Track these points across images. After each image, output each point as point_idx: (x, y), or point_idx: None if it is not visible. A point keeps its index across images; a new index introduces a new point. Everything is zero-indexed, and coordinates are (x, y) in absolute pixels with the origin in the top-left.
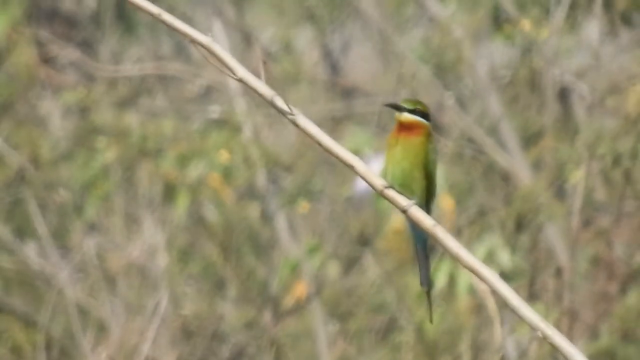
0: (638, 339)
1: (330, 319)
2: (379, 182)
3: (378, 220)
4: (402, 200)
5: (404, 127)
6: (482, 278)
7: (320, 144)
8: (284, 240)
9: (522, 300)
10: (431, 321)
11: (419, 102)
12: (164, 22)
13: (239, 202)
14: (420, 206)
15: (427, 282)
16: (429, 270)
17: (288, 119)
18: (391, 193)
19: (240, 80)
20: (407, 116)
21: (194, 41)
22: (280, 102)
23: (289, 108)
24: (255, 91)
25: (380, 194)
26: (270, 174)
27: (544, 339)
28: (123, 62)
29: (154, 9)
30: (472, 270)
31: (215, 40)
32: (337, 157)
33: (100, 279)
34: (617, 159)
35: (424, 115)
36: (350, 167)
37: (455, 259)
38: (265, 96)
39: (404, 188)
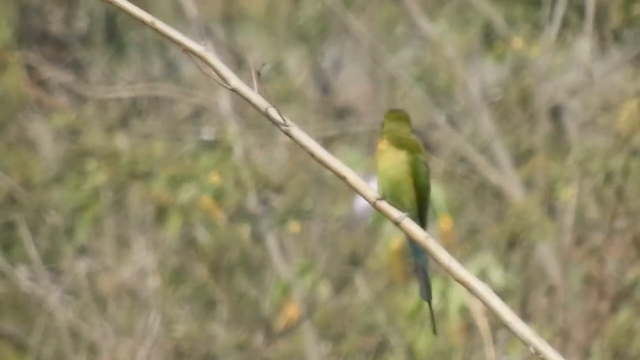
0: (629, 357)
1: (322, 340)
2: (372, 194)
3: (370, 240)
4: (395, 213)
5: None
6: (474, 292)
7: (313, 156)
8: (275, 261)
9: (514, 315)
10: (435, 332)
11: (389, 112)
12: (157, 31)
13: (230, 224)
14: (414, 219)
15: (428, 294)
16: (429, 282)
17: (282, 130)
18: (384, 205)
19: (234, 90)
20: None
21: (187, 50)
22: (274, 113)
23: (283, 119)
24: (249, 101)
25: (374, 206)
26: (261, 195)
27: (537, 354)
28: (114, 83)
29: (147, 17)
30: (464, 284)
31: (209, 51)
32: (330, 169)
33: (92, 301)
34: (609, 176)
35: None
36: (343, 179)
37: (447, 272)
38: (259, 107)
39: (395, 200)
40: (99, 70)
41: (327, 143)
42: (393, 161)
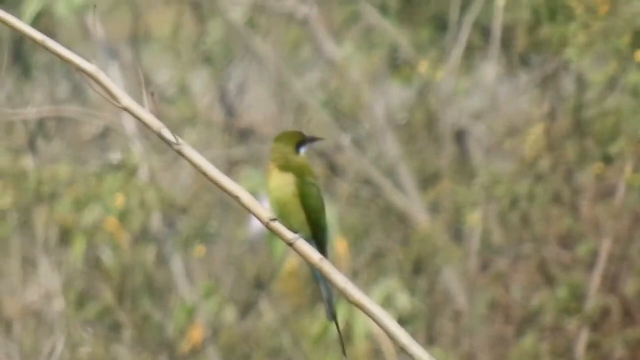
0: None
1: None
2: (265, 215)
3: (274, 263)
4: (289, 234)
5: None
6: (370, 315)
7: (206, 175)
8: (180, 284)
9: (410, 338)
10: (344, 354)
11: (279, 135)
12: (48, 49)
13: (135, 246)
14: (308, 240)
15: (332, 315)
16: (333, 303)
17: (174, 149)
18: (277, 226)
19: (125, 109)
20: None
21: (79, 69)
22: (166, 132)
23: (175, 138)
24: (140, 120)
25: (267, 227)
26: (166, 217)
27: None
28: (20, 105)
29: (38, 35)
30: (360, 307)
31: (111, 77)
32: (222, 189)
33: None
34: (515, 201)
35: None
36: (236, 199)
37: (342, 294)
38: (150, 125)
39: (284, 221)
40: (4, 91)
41: (232, 165)
42: (278, 183)
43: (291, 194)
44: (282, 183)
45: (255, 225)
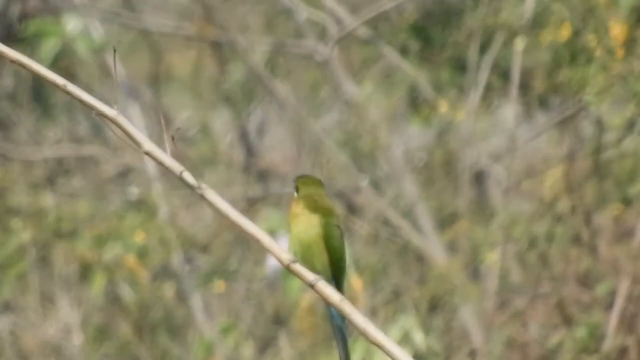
0: None
1: None
2: (286, 257)
3: (291, 300)
4: (309, 275)
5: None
6: (390, 355)
7: (227, 218)
8: (199, 320)
9: None
10: None
11: (302, 177)
12: (69, 94)
13: (155, 282)
14: (328, 281)
15: (346, 358)
16: (347, 346)
17: (196, 192)
18: (298, 267)
19: (146, 154)
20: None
21: (100, 114)
22: (187, 177)
23: (197, 182)
24: (162, 165)
25: (287, 269)
26: (185, 254)
27: None
28: (40, 143)
29: (59, 80)
30: (380, 347)
31: (130, 119)
32: (244, 231)
33: (15, 358)
34: (533, 241)
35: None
36: (257, 241)
37: (362, 334)
38: (172, 170)
39: (306, 262)
40: (24, 129)
41: (251, 204)
42: (306, 224)
43: (317, 235)
44: (310, 224)
45: (272, 263)
